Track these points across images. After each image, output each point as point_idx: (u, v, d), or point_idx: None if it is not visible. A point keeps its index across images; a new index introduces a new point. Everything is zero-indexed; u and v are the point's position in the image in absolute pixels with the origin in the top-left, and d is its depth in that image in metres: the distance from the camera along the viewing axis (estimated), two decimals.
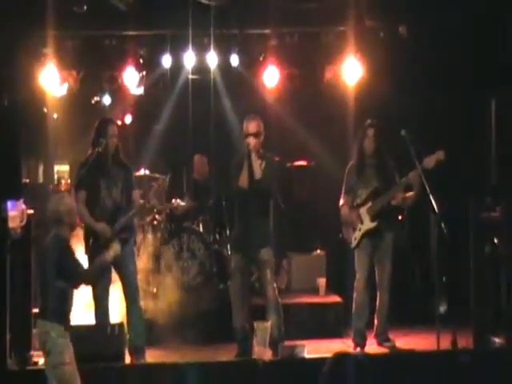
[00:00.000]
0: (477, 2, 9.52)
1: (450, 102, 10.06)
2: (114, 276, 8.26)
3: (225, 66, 10.85)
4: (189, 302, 9.33)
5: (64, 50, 10.26)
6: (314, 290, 10.22)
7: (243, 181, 8.13)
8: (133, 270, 8.26)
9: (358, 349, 8.44)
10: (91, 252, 8.17)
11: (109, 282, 8.21)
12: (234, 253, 8.41)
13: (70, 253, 6.66)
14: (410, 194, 8.37)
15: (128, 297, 8.20)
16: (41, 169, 12.05)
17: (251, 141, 8.14)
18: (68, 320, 6.71)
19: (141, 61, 10.69)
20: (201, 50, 10.65)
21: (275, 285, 8.40)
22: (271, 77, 10.68)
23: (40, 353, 8.05)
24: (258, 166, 8.15)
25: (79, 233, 8.85)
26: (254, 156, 8.13)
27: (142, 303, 8.34)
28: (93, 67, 10.57)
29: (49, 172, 11.78)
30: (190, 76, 11.00)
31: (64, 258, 6.59)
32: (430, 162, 8.20)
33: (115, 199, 8.17)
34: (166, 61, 10.65)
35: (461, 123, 9.97)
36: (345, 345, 8.71)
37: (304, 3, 10.00)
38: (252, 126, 8.23)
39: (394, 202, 8.45)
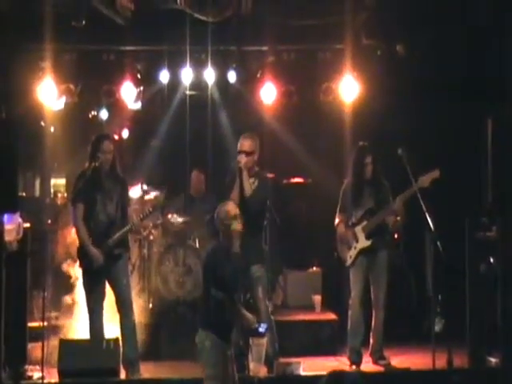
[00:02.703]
0: (474, 20, 9.56)
1: (446, 120, 10.08)
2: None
3: (222, 82, 10.86)
4: (184, 317, 9.33)
5: (62, 64, 10.26)
6: (310, 307, 10.21)
7: (234, 198, 8.15)
8: (126, 285, 8.27)
9: (354, 366, 8.44)
10: (84, 266, 8.20)
11: (103, 296, 8.22)
12: None
13: (226, 263, 6.60)
14: (398, 219, 8.41)
15: (122, 311, 8.20)
16: (37, 182, 12.05)
17: (242, 158, 8.18)
18: (225, 331, 6.61)
19: (138, 76, 10.70)
20: (198, 65, 10.66)
21: (268, 301, 8.40)
22: (268, 93, 10.69)
23: (35, 367, 8.10)
24: (248, 184, 8.19)
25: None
26: (245, 174, 8.16)
27: (135, 317, 8.31)
28: (90, 81, 10.57)
29: (45, 185, 11.77)
30: (188, 92, 11.00)
31: (219, 268, 6.55)
32: (425, 180, 8.24)
33: (110, 214, 8.21)
34: (164, 76, 10.66)
35: (457, 142, 10.00)
36: (340, 362, 8.71)
37: (301, 21, 10.02)
38: (246, 143, 8.27)
39: (394, 227, 8.51)
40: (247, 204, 8.11)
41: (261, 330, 6.90)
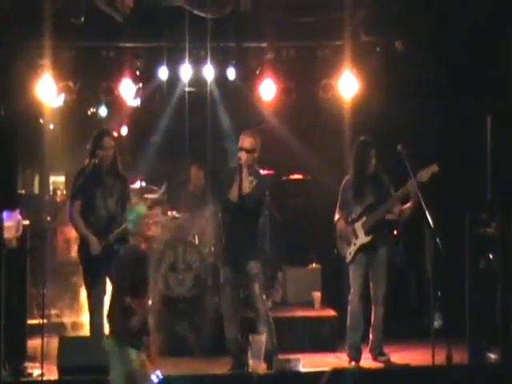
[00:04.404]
0: (475, 16, 9.55)
1: (445, 117, 10.09)
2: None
3: (221, 78, 10.88)
4: (184, 314, 9.34)
5: (61, 61, 10.28)
6: (309, 304, 10.21)
7: (233, 194, 8.15)
8: None
9: (353, 363, 8.44)
10: (84, 262, 8.20)
11: (103, 292, 8.21)
12: (224, 265, 8.43)
13: (143, 265, 6.57)
14: (408, 205, 8.39)
15: None
16: (36, 179, 12.06)
17: (243, 156, 8.14)
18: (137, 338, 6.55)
19: (137, 73, 10.73)
20: (197, 62, 10.68)
21: (264, 297, 8.40)
22: (267, 90, 10.72)
23: (34, 364, 8.11)
24: (247, 181, 8.17)
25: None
26: (245, 171, 8.14)
27: None
28: (89, 78, 10.58)
29: (44, 183, 11.78)
30: (187, 88, 11.02)
31: (137, 270, 6.51)
32: (424, 175, 8.20)
33: (110, 209, 8.21)
34: (163, 73, 10.67)
35: (457, 138, 10.00)
36: (339, 359, 8.72)
37: (301, 17, 10.03)
38: (246, 141, 8.23)
39: (391, 216, 8.48)
40: (244, 201, 8.12)
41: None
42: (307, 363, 8.25)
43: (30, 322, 8.60)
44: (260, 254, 8.40)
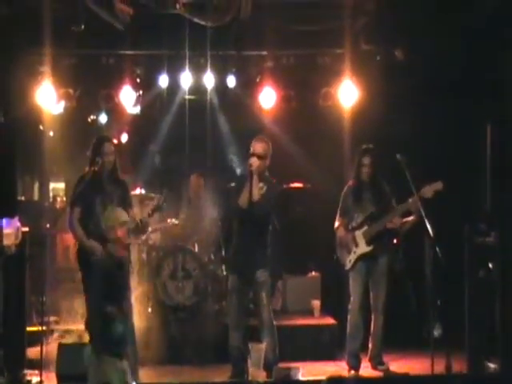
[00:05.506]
0: (474, 18, 9.56)
1: (445, 125, 10.08)
2: None
3: (221, 86, 10.89)
4: (183, 322, 9.33)
5: (61, 69, 10.29)
6: (309, 312, 10.23)
7: (243, 201, 8.08)
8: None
9: (352, 371, 8.43)
10: (83, 269, 8.18)
11: None
12: (231, 273, 8.37)
13: (121, 272, 6.53)
14: (409, 219, 8.40)
15: None
16: (36, 186, 12.05)
17: (254, 161, 8.02)
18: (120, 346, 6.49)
19: (138, 80, 10.74)
20: (197, 70, 10.70)
21: (271, 306, 8.37)
22: (267, 98, 10.72)
23: (33, 371, 8.09)
24: (257, 188, 8.07)
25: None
26: (255, 178, 8.03)
27: (135, 322, 8.29)
28: (90, 86, 10.60)
29: (44, 189, 11.77)
30: (187, 96, 11.03)
31: (114, 277, 6.47)
32: (428, 191, 8.20)
33: None
34: (163, 80, 10.69)
35: (456, 147, 10.00)
36: (339, 367, 8.71)
37: (301, 25, 10.03)
38: (258, 146, 8.14)
39: (391, 225, 8.46)
40: (254, 208, 8.00)
41: None
42: (307, 371, 8.26)
43: (29, 329, 8.58)
44: (268, 263, 8.31)
